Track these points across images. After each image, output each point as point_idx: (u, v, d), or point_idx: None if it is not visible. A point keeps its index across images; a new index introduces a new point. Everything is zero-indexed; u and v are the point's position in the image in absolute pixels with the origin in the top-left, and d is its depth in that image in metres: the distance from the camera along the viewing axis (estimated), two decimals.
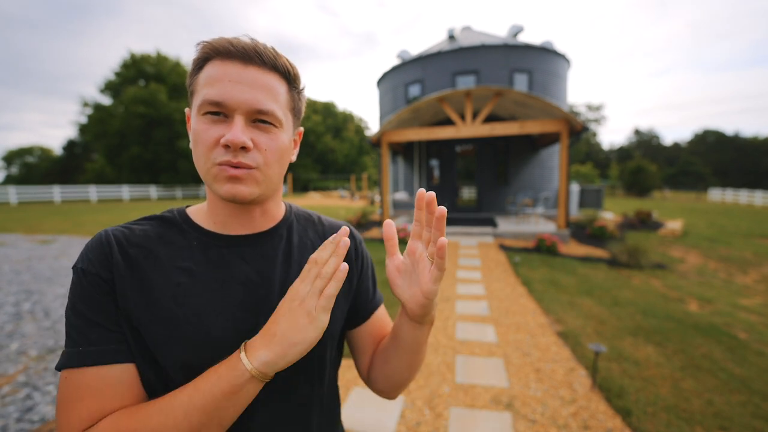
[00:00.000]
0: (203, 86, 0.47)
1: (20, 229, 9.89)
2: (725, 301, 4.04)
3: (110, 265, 0.48)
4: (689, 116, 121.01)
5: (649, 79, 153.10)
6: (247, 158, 0.47)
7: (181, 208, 0.59)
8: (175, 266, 0.51)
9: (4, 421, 1.99)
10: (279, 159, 0.51)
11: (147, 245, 0.51)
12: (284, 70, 0.51)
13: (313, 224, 0.66)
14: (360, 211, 10.77)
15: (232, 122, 0.47)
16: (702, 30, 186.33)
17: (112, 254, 0.48)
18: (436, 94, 7.60)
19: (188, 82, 0.51)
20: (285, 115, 0.51)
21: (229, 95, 0.46)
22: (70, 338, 0.46)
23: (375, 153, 27.63)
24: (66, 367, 0.44)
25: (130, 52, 31.15)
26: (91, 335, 0.45)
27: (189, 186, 31.80)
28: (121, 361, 0.46)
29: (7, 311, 3.68)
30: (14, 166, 38.45)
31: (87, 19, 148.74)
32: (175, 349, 0.47)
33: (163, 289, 0.49)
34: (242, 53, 0.47)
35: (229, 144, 0.46)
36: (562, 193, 7.32)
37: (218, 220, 0.55)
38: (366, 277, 0.68)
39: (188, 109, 0.54)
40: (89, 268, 0.47)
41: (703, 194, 30.17)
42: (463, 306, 3.77)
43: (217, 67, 0.47)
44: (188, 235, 0.54)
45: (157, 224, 0.55)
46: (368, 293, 0.67)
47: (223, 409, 0.42)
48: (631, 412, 2.01)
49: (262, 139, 0.49)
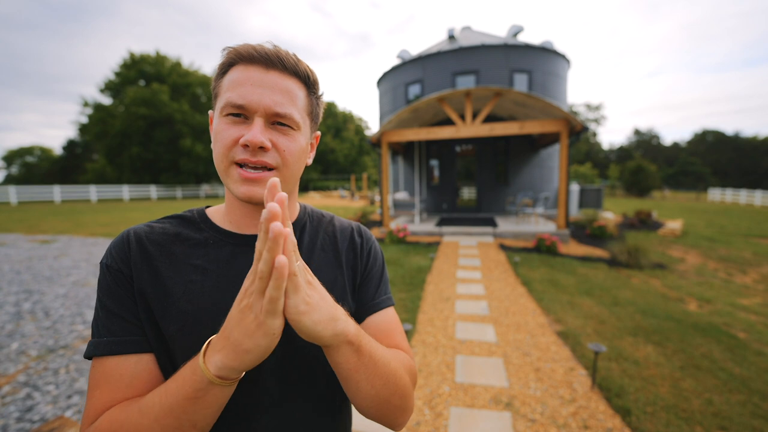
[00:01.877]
0: (226, 90, 0.50)
1: (20, 229, 9.89)
2: (725, 300, 4.04)
3: (129, 261, 0.51)
4: (684, 117, 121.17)
5: (642, 79, 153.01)
6: (267, 157, 0.49)
7: (200, 208, 0.62)
8: (189, 264, 0.53)
9: (4, 420, 1.99)
10: (296, 160, 0.53)
11: (164, 243, 0.54)
12: (304, 75, 0.53)
13: (324, 225, 0.66)
14: (360, 211, 10.77)
15: (252, 123, 0.49)
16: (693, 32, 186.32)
17: (130, 251, 0.52)
18: (436, 94, 7.60)
19: (213, 85, 0.53)
20: (303, 119, 0.53)
21: (249, 98, 0.48)
22: (95, 328, 0.50)
23: (375, 153, 27.64)
24: (89, 356, 0.48)
25: (130, 52, 31.17)
26: (111, 326, 0.49)
27: (189, 186, 31.81)
28: (136, 352, 0.48)
29: (7, 311, 3.68)
30: (14, 166, 38.45)
31: (83, 20, 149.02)
32: (185, 344, 0.49)
33: (176, 286, 0.51)
34: (265, 58, 0.49)
35: (248, 144, 0.48)
36: (561, 193, 7.32)
37: (234, 219, 0.58)
38: (371, 277, 0.65)
39: (211, 111, 0.56)
40: (112, 264, 0.51)
41: (702, 194, 30.16)
42: (462, 306, 3.77)
43: (240, 71, 0.49)
44: (204, 234, 0.57)
45: (176, 223, 0.58)
46: (368, 293, 0.64)
47: (192, 413, 0.41)
48: (630, 411, 2.02)
49: (280, 140, 0.50)
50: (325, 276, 0.59)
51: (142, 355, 0.49)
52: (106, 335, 0.48)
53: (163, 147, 29.91)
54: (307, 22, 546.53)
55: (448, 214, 11.46)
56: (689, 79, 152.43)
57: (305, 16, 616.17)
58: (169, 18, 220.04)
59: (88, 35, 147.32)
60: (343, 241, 0.65)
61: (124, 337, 0.48)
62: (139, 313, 0.50)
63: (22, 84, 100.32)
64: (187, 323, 0.49)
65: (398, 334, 0.63)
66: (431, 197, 12.01)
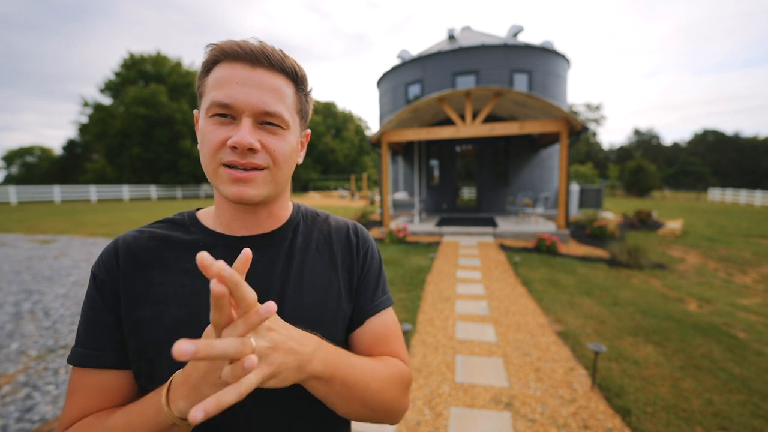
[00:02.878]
0: (212, 89, 0.48)
1: (20, 229, 9.89)
2: (725, 300, 4.04)
3: (117, 272, 0.50)
4: (684, 117, 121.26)
5: (641, 79, 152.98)
6: (256, 158, 0.48)
7: (191, 211, 0.60)
8: (180, 268, 0.52)
9: (4, 420, 1.99)
10: (286, 160, 0.52)
11: (154, 249, 0.53)
12: (291, 71, 0.51)
13: (319, 224, 0.65)
14: (360, 211, 10.77)
15: (240, 124, 0.47)
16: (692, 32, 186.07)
17: (119, 261, 0.51)
18: (436, 94, 7.60)
19: (197, 84, 0.51)
20: (292, 117, 0.52)
21: (236, 97, 0.46)
22: (77, 334, 0.50)
23: (375, 153, 27.63)
24: (68, 362, 0.49)
25: (130, 52, 31.18)
26: (86, 337, 0.49)
27: (189, 186, 31.82)
28: (112, 367, 0.49)
29: (7, 311, 3.68)
30: (14, 165, 38.46)
31: (83, 20, 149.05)
32: None
33: (168, 291, 0.50)
34: (250, 55, 0.47)
35: (236, 145, 0.46)
36: (561, 193, 7.32)
37: (224, 221, 0.56)
38: (369, 278, 0.64)
39: (197, 111, 0.54)
40: (99, 274, 0.51)
41: (702, 194, 30.16)
42: (462, 306, 3.77)
43: (225, 69, 0.47)
44: (194, 236, 0.55)
45: (166, 227, 0.57)
46: (366, 295, 0.62)
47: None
48: (630, 411, 2.02)
49: (269, 141, 0.49)
50: (320, 278, 0.58)
51: (119, 371, 0.49)
52: (84, 346, 0.49)
53: (163, 147, 29.91)
54: (304, 22, 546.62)
55: (448, 214, 11.46)
56: (688, 80, 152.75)
57: (302, 16, 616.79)
58: (168, 18, 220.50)
59: (88, 35, 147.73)
60: (338, 241, 0.64)
61: (102, 352, 0.49)
62: (119, 327, 0.49)
63: (22, 84, 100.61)
64: (180, 328, 0.48)
65: (395, 339, 0.63)
66: (431, 197, 12.01)
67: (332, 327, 0.57)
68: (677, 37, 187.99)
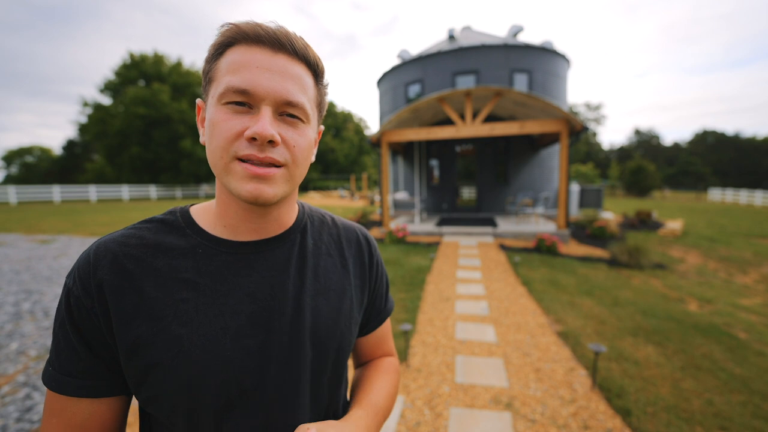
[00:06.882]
0: (226, 73, 0.42)
1: (20, 229, 9.88)
2: (725, 301, 4.04)
3: (91, 289, 0.43)
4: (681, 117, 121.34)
5: (634, 79, 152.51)
6: (275, 153, 0.43)
7: (184, 209, 0.53)
8: (176, 279, 0.45)
9: (3, 421, 1.98)
10: (305, 157, 0.47)
11: (144, 257, 0.46)
12: (314, 62, 0.47)
13: (327, 226, 0.61)
14: (360, 211, 10.77)
15: (259, 114, 0.42)
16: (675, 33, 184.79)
17: (98, 274, 0.43)
18: (436, 94, 7.60)
19: (205, 68, 0.45)
20: (312, 110, 0.47)
21: (257, 83, 0.41)
22: (50, 352, 0.45)
23: (375, 153, 27.63)
24: (42, 381, 0.44)
25: (130, 52, 31.17)
26: (61, 358, 0.44)
27: (189, 186, 31.82)
28: (89, 396, 0.43)
29: (7, 311, 3.68)
30: (14, 165, 38.44)
31: (73, 22, 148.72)
32: (181, 369, 0.43)
33: (166, 307, 0.44)
34: (273, 39, 0.42)
35: (256, 137, 0.40)
36: (562, 193, 7.32)
37: (228, 224, 0.49)
38: (381, 285, 0.65)
39: (200, 99, 0.49)
40: (73, 289, 0.43)
41: (703, 194, 30.17)
42: (462, 306, 3.77)
43: (242, 52, 0.42)
44: (191, 242, 0.48)
45: (155, 229, 0.49)
46: (381, 302, 0.65)
47: None
48: (631, 412, 2.01)
49: (289, 134, 0.44)
50: (335, 284, 0.56)
51: (96, 399, 0.44)
52: (57, 369, 0.43)
53: (163, 147, 29.88)
54: (293, 23, 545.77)
55: (448, 214, 11.45)
56: (678, 80, 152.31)
57: (290, 17, 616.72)
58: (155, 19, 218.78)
59: (78, 37, 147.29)
60: (349, 246, 0.61)
61: (74, 380, 0.43)
62: (95, 352, 0.43)
63: (15, 85, 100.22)
64: (182, 349, 0.43)
65: (390, 337, 0.69)
66: (431, 197, 12.01)
67: (347, 335, 0.56)
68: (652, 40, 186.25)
